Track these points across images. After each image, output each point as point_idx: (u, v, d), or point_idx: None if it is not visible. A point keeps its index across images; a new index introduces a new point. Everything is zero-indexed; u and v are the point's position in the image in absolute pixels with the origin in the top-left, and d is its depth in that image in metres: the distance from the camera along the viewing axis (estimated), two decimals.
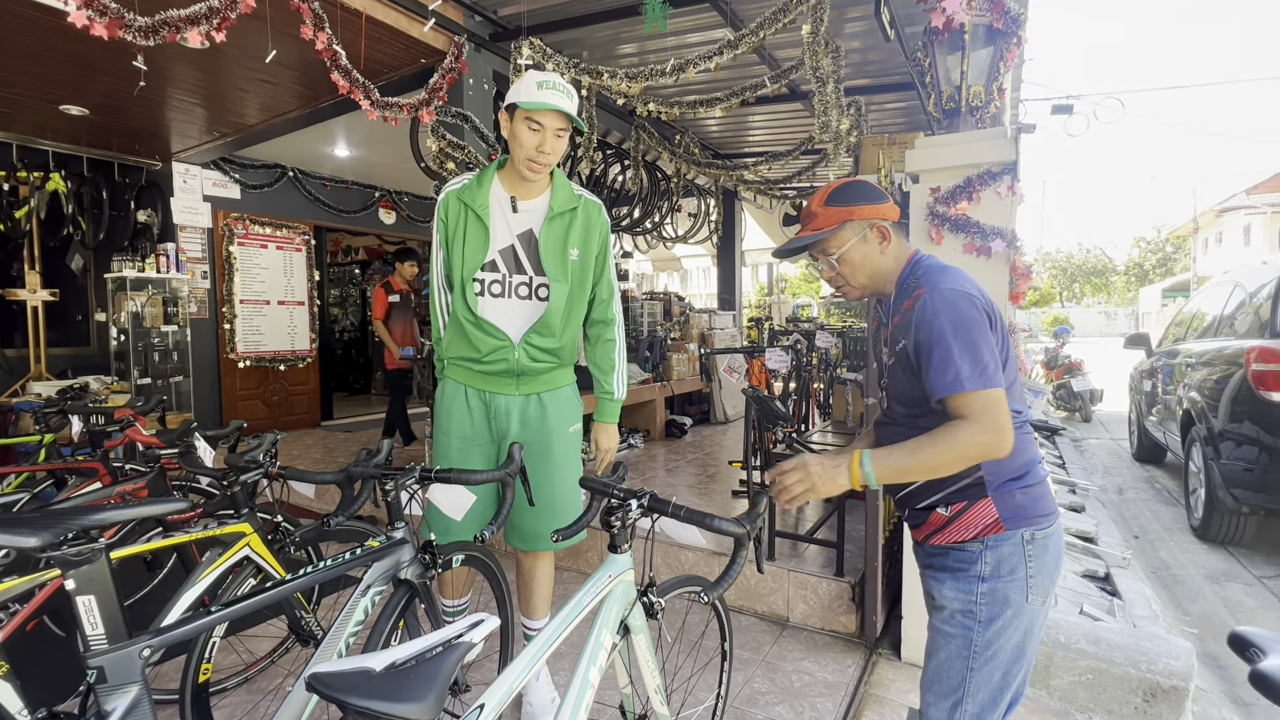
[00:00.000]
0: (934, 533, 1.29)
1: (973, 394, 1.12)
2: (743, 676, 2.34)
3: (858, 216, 1.28)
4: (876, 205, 1.29)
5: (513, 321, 1.85)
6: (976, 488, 1.23)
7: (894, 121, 5.63)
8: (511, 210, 1.84)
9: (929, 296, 1.19)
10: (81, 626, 1.01)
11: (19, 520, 0.99)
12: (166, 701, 1.91)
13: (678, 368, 6.13)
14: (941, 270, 1.25)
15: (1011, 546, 1.22)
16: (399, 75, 3.87)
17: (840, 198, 1.30)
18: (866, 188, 1.32)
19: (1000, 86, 2.75)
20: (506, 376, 1.88)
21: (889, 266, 1.32)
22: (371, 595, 1.49)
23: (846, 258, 1.31)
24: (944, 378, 1.14)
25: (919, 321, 1.19)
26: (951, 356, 1.13)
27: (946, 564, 1.28)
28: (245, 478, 1.80)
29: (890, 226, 1.31)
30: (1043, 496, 1.26)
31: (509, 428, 1.92)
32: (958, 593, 1.25)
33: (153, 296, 5.34)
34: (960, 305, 1.16)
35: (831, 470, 1.18)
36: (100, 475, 2.42)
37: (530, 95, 1.71)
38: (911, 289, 1.25)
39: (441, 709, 0.76)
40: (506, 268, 1.84)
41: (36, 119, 4.66)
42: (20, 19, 3.13)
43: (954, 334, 1.14)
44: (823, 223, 1.31)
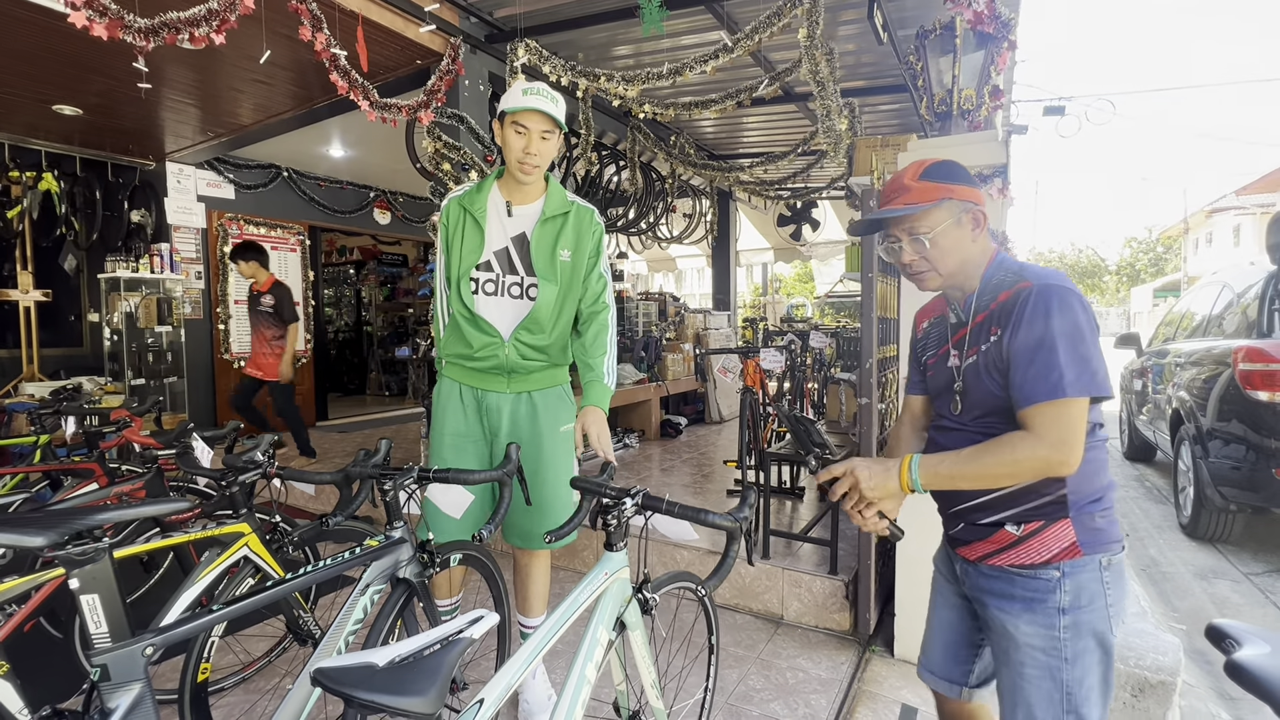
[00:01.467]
0: (996, 552, 1.18)
1: (1063, 402, 1.04)
2: (737, 674, 2.36)
3: (957, 196, 1.16)
4: (973, 189, 1.19)
5: (503, 318, 1.93)
6: (1057, 506, 1.13)
7: (888, 123, 5.67)
8: (507, 214, 1.92)
9: (1039, 291, 1.09)
10: (85, 625, 1.02)
11: (24, 520, 1.00)
12: (165, 701, 1.92)
13: (673, 368, 6.15)
14: (1040, 268, 1.17)
15: (1090, 574, 1.13)
16: (395, 76, 3.88)
17: (938, 173, 1.18)
18: (962, 169, 1.21)
19: (992, 89, 2.79)
20: (498, 374, 1.95)
21: (977, 258, 1.20)
22: (370, 594, 1.50)
23: (939, 240, 1.18)
24: (1045, 380, 1.05)
25: (1024, 313, 1.09)
26: (1057, 358, 1.04)
27: (1014, 592, 1.16)
28: (243, 478, 1.81)
29: (983, 213, 1.20)
30: (1116, 521, 1.19)
31: (500, 425, 1.98)
32: (1038, 627, 1.14)
33: (146, 297, 5.33)
34: (1074, 305, 1.07)
35: (880, 475, 1.13)
36: (97, 476, 2.42)
37: (515, 100, 1.80)
38: (1007, 283, 1.16)
39: (443, 703, 0.77)
40: (500, 268, 1.92)
41: (29, 119, 4.65)
42: (13, 19, 3.13)
43: (1063, 333, 1.05)
44: (918, 197, 1.17)
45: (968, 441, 1.15)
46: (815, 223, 7.90)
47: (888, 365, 2.94)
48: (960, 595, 1.34)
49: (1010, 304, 1.13)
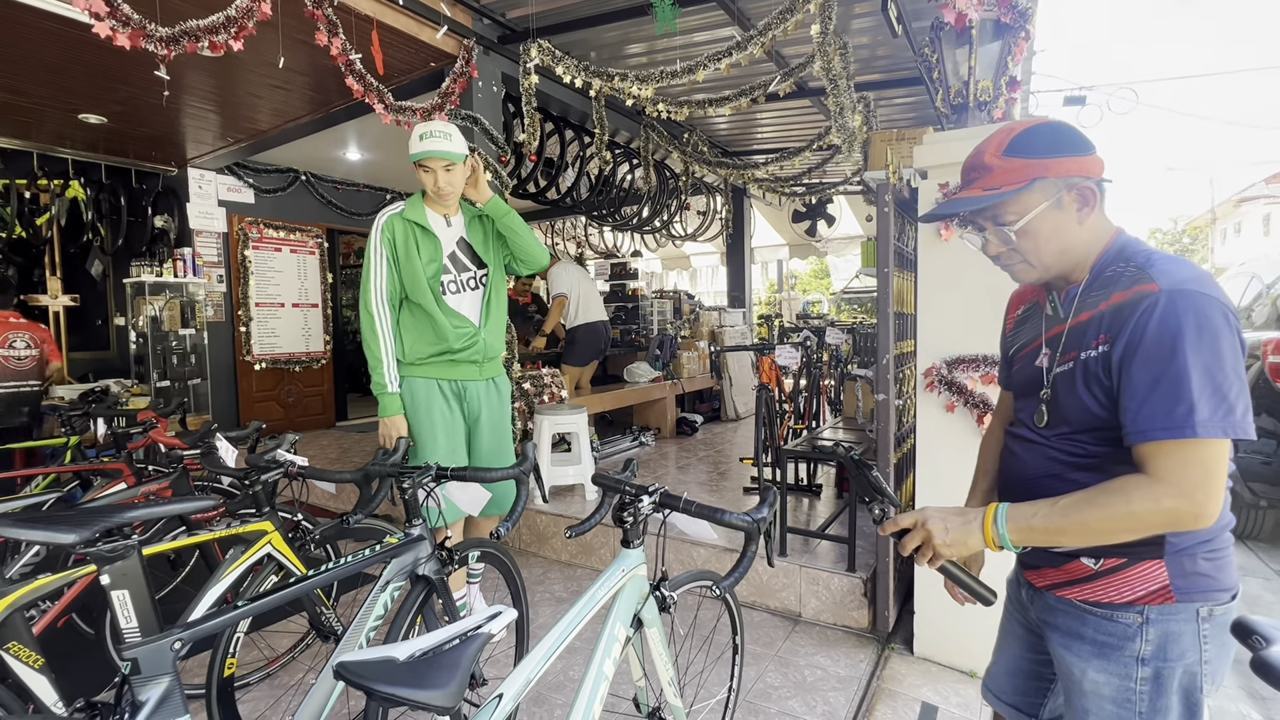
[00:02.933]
0: (1067, 584, 1.02)
1: (1193, 443, 0.84)
2: (755, 671, 2.36)
3: (1054, 173, 0.95)
4: (1079, 158, 0.96)
5: (473, 308, 2.33)
6: (1150, 545, 0.94)
7: (903, 117, 5.61)
8: (446, 225, 2.30)
9: (1168, 297, 0.87)
10: (116, 620, 1.05)
11: (57, 518, 1.03)
12: (194, 695, 1.96)
13: (688, 365, 6.14)
14: (1173, 260, 0.93)
15: (1183, 624, 0.94)
16: (410, 79, 3.92)
17: (1030, 146, 0.96)
18: (1065, 133, 0.97)
19: (1010, 80, 2.75)
20: (473, 363, 2.31)
21: (1085, 243, 0.99)
22: (390, 591, 1.52)
23: (1031, 229, 0.98)
24: (1170, 414, 0.85)
25: (1146, 328, 0.88)
26: (1188, 388, 0.84)
27: (1084, 632, 1.01)
28: (266, 477, 1.85)
29: (1096, 187, 0.97)
30: (1229, 565, 0.97)
31: (479, 411, 2.34)
32: (1109, 676, 0.98)
33: (170, 300, 5.43)
34: (1213, 316, 0.85)
35: (960, 530, 0.96)
36: (125, 476, 2.48)
37: (415, 148, 2.16)
38: (1126, 279, 0.94)
39: (463, 697, 0.78)
40: (455, 268, 2.30)
41: (56, 128, 4.76)
42: (42, 30, 3.21)
43: (1198, 356, 0.84)
44: (1002, 180, 0.97)
45: (1046, 459, 1.00)
46: (831, 218, 7.84)
47: (904, 361, 2.91)
48: (1027, 626, 1.17)
49: (1127, 309, 0.90)
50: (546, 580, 3.17)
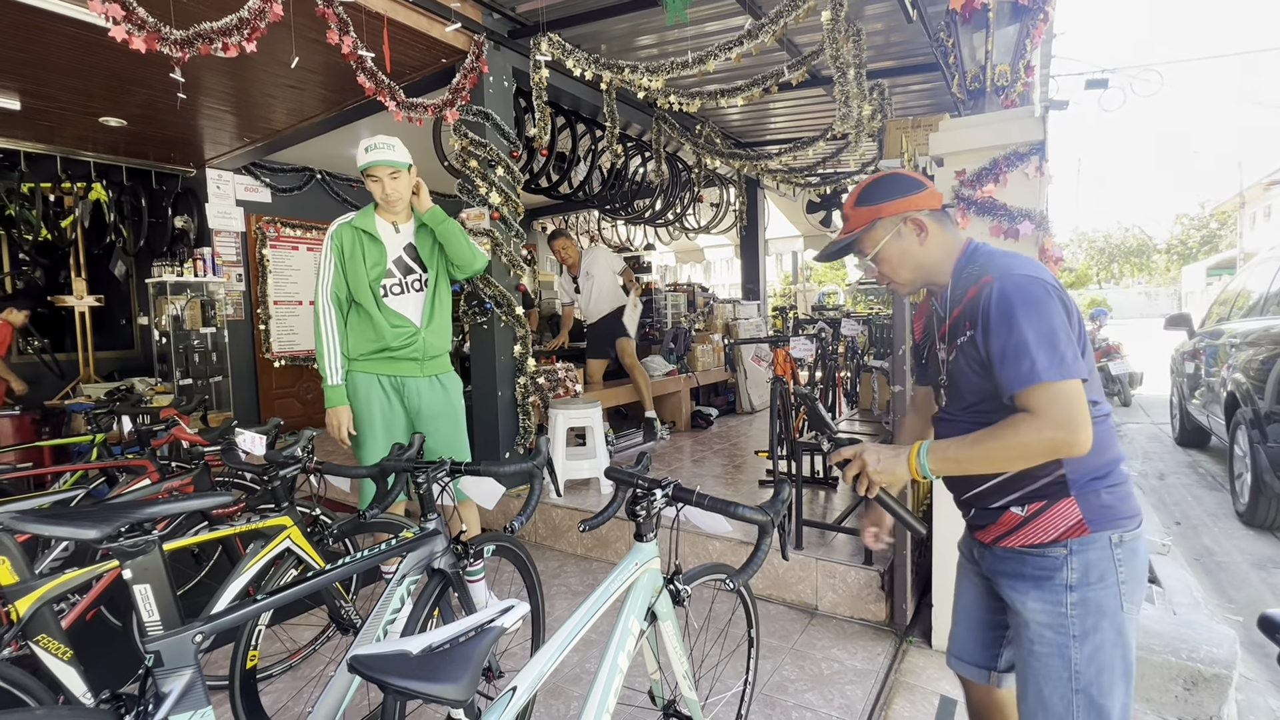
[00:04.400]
0: (1006, 534, 1.20)
1: (1046, 385, 1.04)
2: (771, 664, 2.35)
3: (886, 213, 1.23)
4: (909, 197, 1.23)
5: (416, 310, 2.47)
6: (1058, 486, 1.14)
7: (919, 104, 5.52)
8: (395, 232, 2.46)
9: (1000, 284, 1.11)
10: (139, 613, 1.07)
11: (80, 514, 1.05)
12: (217, 687, 2.00)
13: (702, 359, 6.13)
14: (1008, 256, 1.18)
15: (1099, 551, 1.13)
16: (421, 75, 3.93)
17: (869, 196, 1.26)
18: (898, 181, 1.25)
19: (1028, 64, 2.69)
20: (413, 360, 2.45)
21: (935, 257, 1.24)
22: (407, 584, 1.54)
23: (882, 256, 1.26)
24: (1018, 369, 1.06)
25: (989, 310, 1.11)
26: (1027, 347, 1.06)
27: (1024, 571, 1.18)
28: (284, 473, 1.87)
29: (929, 217, 1.24)
30: (1129, 496, 1.17)
31: (420, 405, 2.48)
32: (1044, 604, 1.15)
33: (191, 300, 5.53)
34: (1034, 291, 1.08)
35: (890, 460, 1.17)
36: (149, 472, 2.52)
37: (361, 159, 2.33)
38: (974, 277, 1.18)
39: (476, 689, 0.79)
40: (400, 272, 2.45)
41: (78, 131, 4.84)
42: (61, 35, 3.26)
43: (1028, 322, 1.07)
44: (854, 224, 1.27)
45: (962, 431, 1.17)
46: None
47: None
48: (982, 575, 1.35)
49: (976, 300, 1.14)
50: (562, 574, 3.19)
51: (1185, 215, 39.49)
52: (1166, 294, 35.19)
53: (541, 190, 4.94)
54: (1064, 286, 1.15)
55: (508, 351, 3.84)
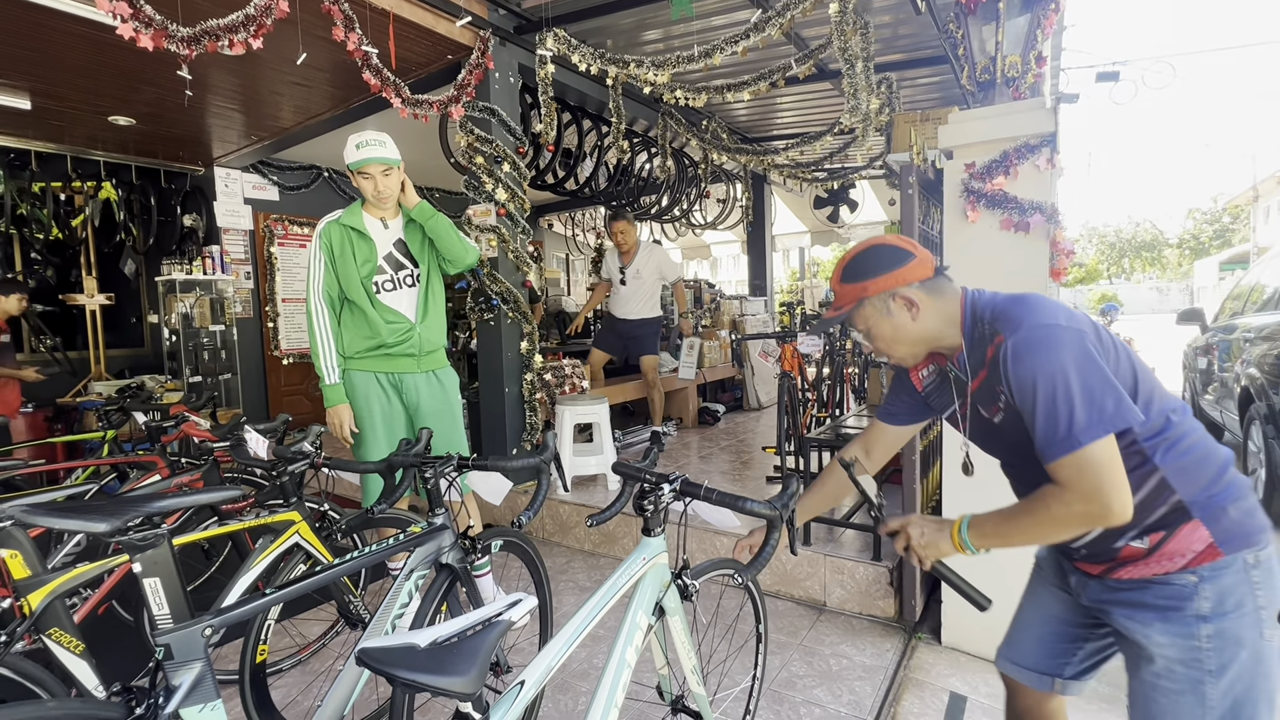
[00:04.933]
0: (1123, 565, 1.10)
1: (1069, 457, 0.98)
2: (780, 660, 2.34)
3: (872, 292, 1.15)
4: (894, 272, 1.14)
5: (411, 306, 2.47)
6: (1176, 513, 1.04)
7: (928, 97, 5.47)
8: (384, 228, 2.47)
9: (1012, 345, 1.03)
10: (149, 607, 1.07)
11: (90, 508, 1.05)
12: (227, 681, 2.02)
13: (709, 355, 6.11)
14: (1013, 303, 1.09)
15: (1234, 575, 1.02)
16: (427, 72, 3.93)
17: (853, 272, 1.18)
18: (882, 254, 1.16)
19: (1039, 55, 2.66)
20: (409, 356, 2.46)
21: (932, 328, 1.17)
22: (415, 579, 1.54)
23: (874, 334, 1.20)
24: (1054, 436, 0.99)
25: (1008, 375, 1.04)
26: (1048, 412, 0.99)
27: (1146, 601, 1.08)
28: (293, 468, 1.88)
29: (918, 291, 1.14)
30: (1255, 508, 1.07)
31: (418, 401, 2.48)
32: (1173, 638, 1.04)
33: (200, 298, 5.56)
34: (1049, 342, 1.00)
35: (934, 534, 1.15)
36: (159, 468, 2.54)
37: (352, 157, 2.35)
38: (987, 337, 1.11)
39: (483, 683, 0.79)
40: (392, 268, 2.45)
41: (88, 130, 4.87)
42: (70, 34, 3.28)
43: (1045, 382, 0.99)
44: (841, 301, 1.20)
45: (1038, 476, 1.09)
46: (853, 204, 7.72)
47: None
48: (1065, 594, 1.27)
49: (997, 364, 1.07)
50: (570, 569, 3.19)
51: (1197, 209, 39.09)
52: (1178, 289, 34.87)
53: (547, 186, 4.93)
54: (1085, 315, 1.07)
55: (514, 348, 3.84)
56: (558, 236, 9.62)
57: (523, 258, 3.79)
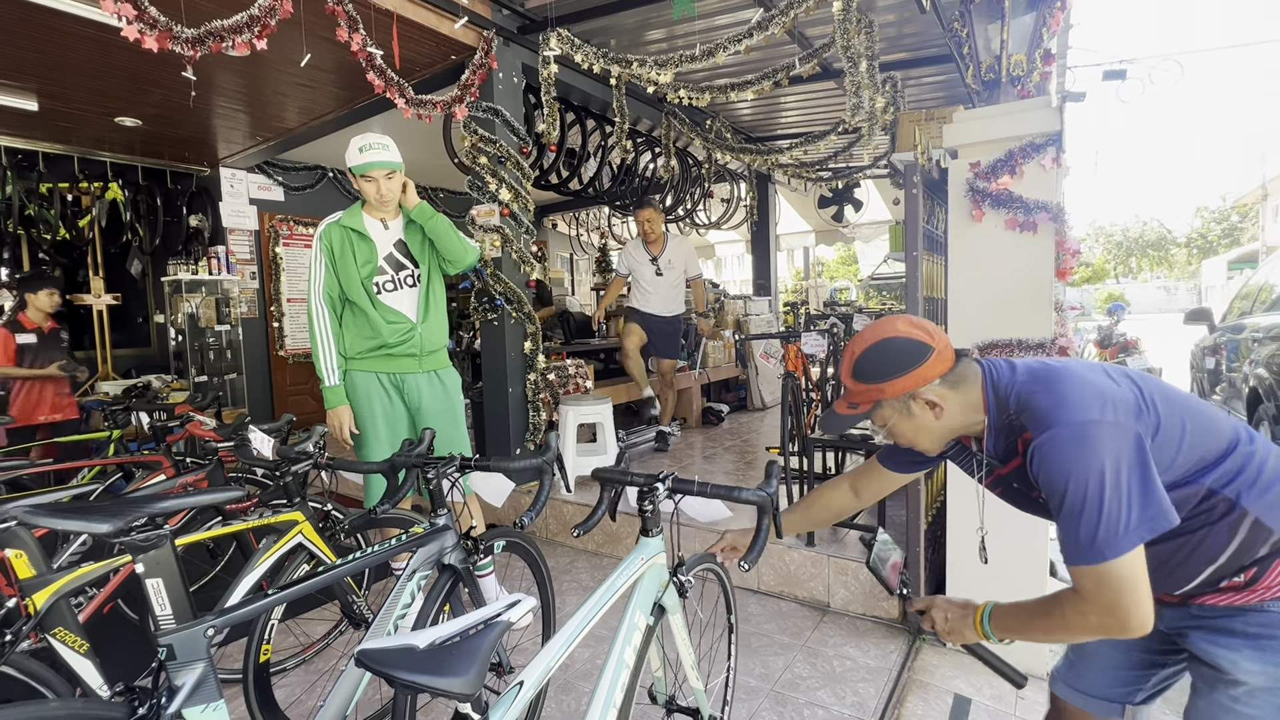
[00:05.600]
0: (1213, 594, 1.06)
1: (1090, 568, 0.95)
2: (783, 661, 2.34)
3: (890, 395, 1.09)
4: (913, 373, 1.06)
5: (412, 306, 2.47)
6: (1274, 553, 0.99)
7: (933, 96, 5.45)
8: (384, 229, 2.48)
9: (1039, 449, 0.98)
10: (151, 607, 1.08)
11: (93, 508, 1.06)
12: (231, 681, 2.02)
13: (713, 355, 6.10)
14: (1041, 392, 1.01)
15: None
16: (431, 73, 3.93)
17: (867, 371, 1.10)
18: (897, 350, 1.08)
19: (1045, 53, 2.65)
20: (411, 356, 2.46)
21: (957, 422, 1.11)
22: (417, 579, 1.54)
23: (895, 433, 1.14)
24: (1076, 545, 0.96)
25: (1038, 477, 1.00)
26: (1081, 521, 0.94)
27: (1235, 628, 1.03)
28: (296, 468, 1.88)
29: (940, 389, 1.08)
30: None
31: (420, 401, 2.49)
32: (1265, 666, 1.00)
33: (206, 298, 5.58)
34: (1084, 445, 0.94)
35: (958, 620, 1.13)
36: (164, 468, 2.55)
37: (356, 160, 2.35)
38: (1015, 429, 1.06)
39: (482, 683, 0.79)
40: (392, 269, 2.46)
41: (95, 131, 4.90)
42: (77, 36, 3.30)
43: (1083, 489, 0.94)
44: (856, 399, 1.13)
45: None
46: (858, 203, 7.69)
47: None
48: None
49: (1025, 459, 1.03)
50: (573, 569, 3.19)
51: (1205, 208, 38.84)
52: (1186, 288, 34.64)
53: (551, 186, 4.94)
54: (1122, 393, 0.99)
55: (518, 348, 3.84)
56: (562, 236, 9.62)
57: (527, 258, 3.79)
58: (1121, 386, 1.01)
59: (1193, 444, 1.00)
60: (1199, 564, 1.04)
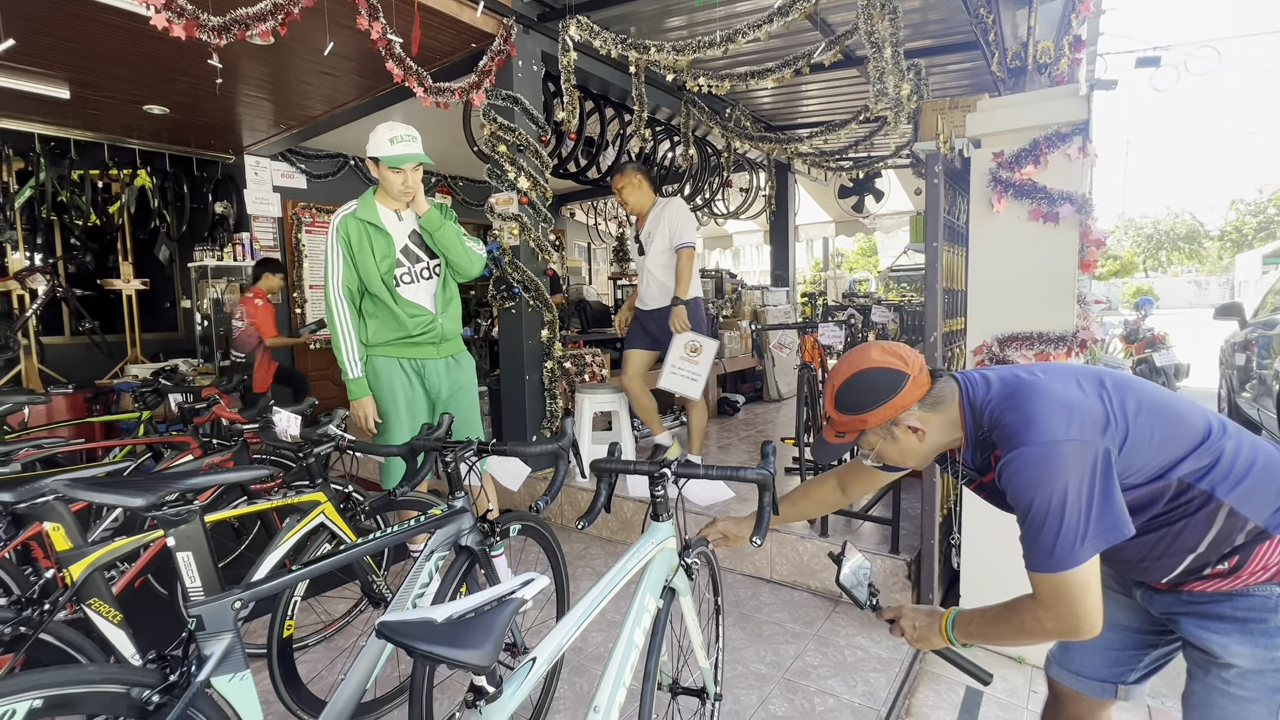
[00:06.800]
0: (1199, 581, 1.10)
1: (1047, 576, 1.01)
2: (794, 649, 2.35)
3: (872, 423, 1.13)
4: (890, 401, 1.11)
5: (430, 298, 2.50)
6: (1253, 537, 1.03)
7: (958, 85, 5.36)
8: (398, 220, 2.46)
9: (1009, 465, 1.03)
10: (181, 580, 1.12)
11: (128, 483, 1.10)
12: (255, 654, 2.09)
13: (729, 345, 6.09)
14: (1011, 409, 1.06)
15: None
16: (451, 61, 3.95)
17: (848, 403, 1.14)
18: (874, 381, 1.12)
19: (1073, 39, 2.59)
20: (431, 344, 2.50)
21: (940, 440, 1.17)
22: (435, 560, 1.58)
23: (882, 457, 1.20)
24: (1035, 554, 1.02)
25: (1009, 491, 1.05)
26: (1043, 532, 1.00)
27: (1223, 613, 1.07)
28: (318, 450, 1.93)
29: (920, 413, 1.13)
30: None
31: (440, 387, 2.54)
32: (1254, 649, 1.04)
33: (231, 283, 5.69)
34: (1048, 465, 1.00)
35: (925, 628, 1.20)
36: (192, 448, 2.63)
37: (387, 151, 2.33)
38: (988, 445, 1.11)
39: (497, 657, 0.81)
40: (409, 261, 2.46)
41: (124, 119, 5.00)
42: (106, 25, 3.36)
43: (1046, 504, 0.99)
44: (841, 428, 1.17)
45: None
46: (879, 193, 7.60)
47: (954, 339, 2.82)
48: (1129, 597, 1.27)
49: (997, 473, 1.08)
50: (588, 555, 3.23)
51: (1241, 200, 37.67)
52: (1218, 283, 33.72)
53: (570, 175, 4.94)
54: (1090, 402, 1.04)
55: (535, 336, 3.87)
56: (580, 225, 9.63)
57: (544, 246, 3.81)
58: (1090, 397, 1.06)
59: (1163, 443, 1.05)
60: (1179, 553, 1.08)
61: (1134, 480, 1.04)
